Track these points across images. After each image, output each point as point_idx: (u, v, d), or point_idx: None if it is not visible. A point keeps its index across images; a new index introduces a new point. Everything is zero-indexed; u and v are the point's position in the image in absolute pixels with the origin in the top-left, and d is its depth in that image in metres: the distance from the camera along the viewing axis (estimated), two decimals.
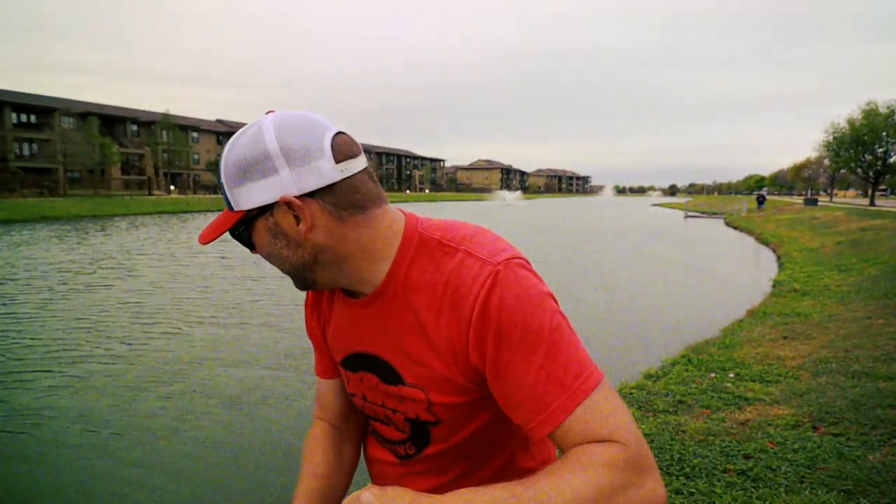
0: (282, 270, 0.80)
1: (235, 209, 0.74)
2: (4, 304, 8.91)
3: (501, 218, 38.83)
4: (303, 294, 0.92)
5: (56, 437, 4.39)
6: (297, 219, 0.72)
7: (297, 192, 0.70)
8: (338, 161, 0.71)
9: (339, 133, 0.73)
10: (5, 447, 4.26)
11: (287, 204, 0.71)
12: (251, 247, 0.79)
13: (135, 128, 57.18)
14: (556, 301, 0.76)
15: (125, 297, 9.51)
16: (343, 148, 0.72)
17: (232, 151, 0.72)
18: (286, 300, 9.00)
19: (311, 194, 0.71)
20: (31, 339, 6.99)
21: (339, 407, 0.97)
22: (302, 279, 0.80)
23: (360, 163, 0.75)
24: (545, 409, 0.68)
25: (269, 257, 0.78)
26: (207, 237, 0.77)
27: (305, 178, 0.70)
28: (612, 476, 0.62)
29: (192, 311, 8.48)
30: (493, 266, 0.71)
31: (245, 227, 0.75)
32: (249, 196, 0.72)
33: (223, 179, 0.74)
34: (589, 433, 0.66)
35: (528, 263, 0.76)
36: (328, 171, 0.71)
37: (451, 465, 0.86)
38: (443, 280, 0.73)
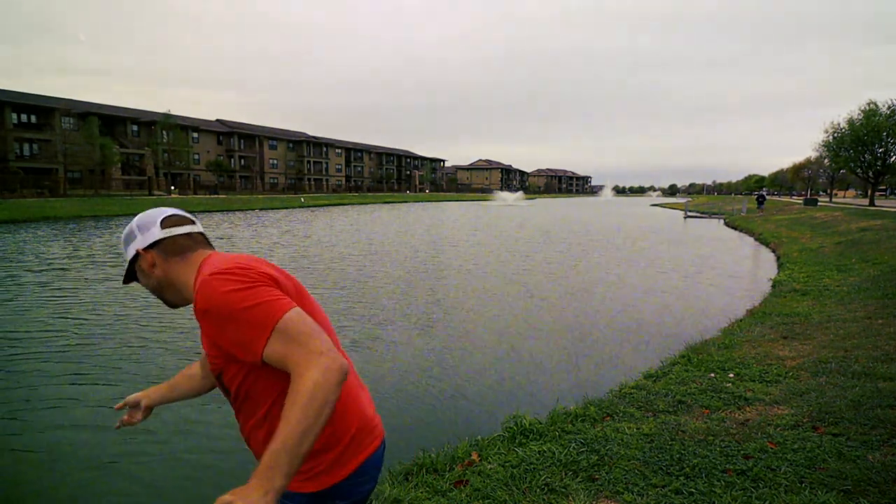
0: (151, 292, 1.38)
1: (126, 260, 1.36)
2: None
3: (504, 217, 38.78)
4: None
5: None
6: (147, 262, 1.32)
7: (143, 246, 1.32)
8: (163, 228, 1.33)
9: (172, 215, 1.36)
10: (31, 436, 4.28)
11: (139, 253, 1.33)
12: (137, 281, 1.39)
13: (135, 128, 57.12)
14: (239, 291, 1.14)
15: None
16: (170, 221, 1.34)
17: (123, 232, 1.37)
18: None
19: (150, 247, 1.32)
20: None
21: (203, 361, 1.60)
22: (161, 298, 1.38)
23: (182, 230, 1.34)
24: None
25: (143, 285, 1.37)
26: (123, 281, 1.42)
27: (146, 239, 1.33)
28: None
29: None
30: (202, 278, 1.20)
31: (131, 268, 1.37)
32: (128, 252, 1.35)
33: (122, 247, 1.37)
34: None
35: (225, 273, 1.17)
36: (156, 234, 1.32)
37: (244, 404, 1.30)
38: (194, 294, 1.22)
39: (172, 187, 56.29)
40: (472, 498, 2.78)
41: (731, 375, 4.60)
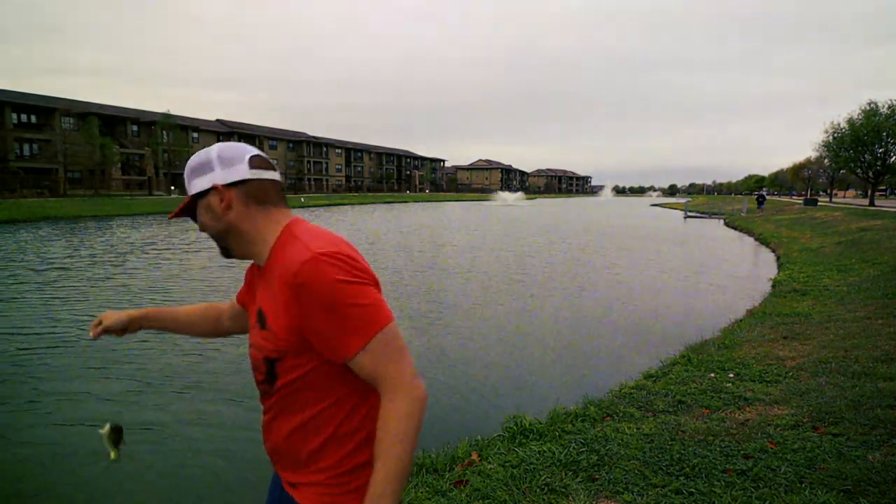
0: (211, 236, 1.19)
1: (189, 194, 1.17)
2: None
3: (505, 217, 38.78)
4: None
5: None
6: (220, 200, 1.14)
7: (224, 182, 1.13)
8: (251, 168, 1.15)
9: (258, 156, 1.17)
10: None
11: (215, 188, 1.14)
12: (195, 220, 1.20)
13: (135, 128, 57.10)
14: (350, 284, 1.03)
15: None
16: (257, 162, 1.16)
17: (191, 160, 1.17)
18: None
19: (231, 185, 1.14)
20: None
21: (232, 312, 1.46)
22: (222, 245, 1.20)
23: (270, 175, 1.18)
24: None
25: (203, 226, 1.18)
26: (172, 215, 1.22)
27: (229, 175, 1.14)
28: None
29: None
30: (310, 254, 1.03)
31: (193, 204, 1.18)
32: (197, 186, 1.16)
33: (186, 176, 1.18)
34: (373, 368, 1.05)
35: (338, 258, 1.04)
36: (244, 172, 1.14)
37: (292, 404, 1.14)
38: (283, 259, 1.08)
39: (172, 187, 56.27)
40: (472, 498, 2.78)
41: (731, 375, 4.60)
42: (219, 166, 1.13)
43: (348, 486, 1.13)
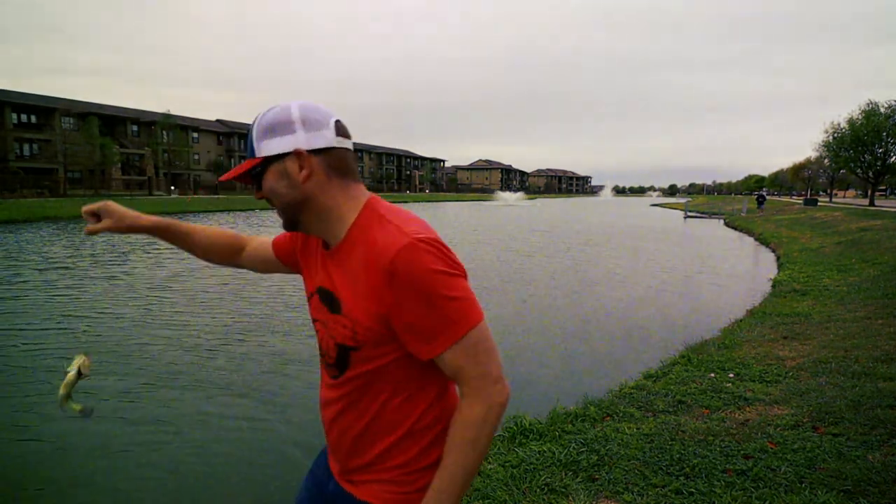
0: (278, 206, 1.04)
1: (258, 155, 1.01)
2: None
3: (506, 217, 38.78)
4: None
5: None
6: (300, 167, 1.00)
7: (306, 147, 0.99)
8: (336, 135, 1.02)
9: (339, 120, 1.04)
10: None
11: (297, 154, 0.99)
12: (258, 186, 1.04)
13: (135, 128, 57.14)
14: (448, 276, 0.95)
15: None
16: (341, 128, 1.03)
17: (265, 116, 1.01)
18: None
19: (315, 152, 1.00)
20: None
21: (258, 251, 1.37)
22: (290, 217, 1.06)
23: (350, 145, 1.05)
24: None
25: (271, 193, 1.03)
26: (228, 176, 1.06)
27: (313, 140, 1.00)
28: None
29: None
30: (407, 239, 0.93)
31: (262, 168, 1.02)
32: (271, 147, 1.00)
33: (253, 134, 1.02)
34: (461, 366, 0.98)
35: (435, 245, 0.96)
36: (330, 139, 1.01)
37: (364, 396, 1.06)
38: (373, 241, 0.97)
39: (172, 187, 56.28)
40: (472, 498, 2.78)
41: (731, 375, 4.60)
42: (301, 129, 0.99)
43: (418, 483, 1.06)
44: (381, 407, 1.06)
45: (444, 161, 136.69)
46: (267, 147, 1.00)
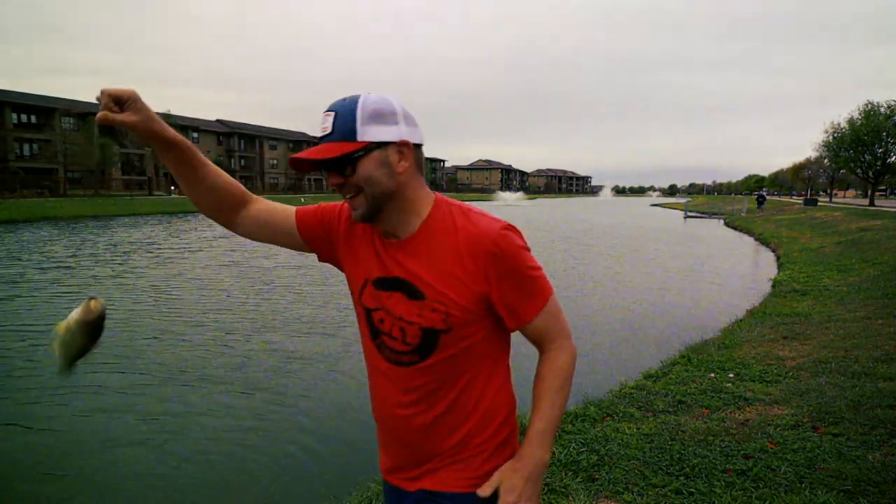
0: (371, 195, 1.03)
1: (360, 140, 1.00)
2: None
3: (506, 217, 38.70)
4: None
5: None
6: (400, 158, 1.03)
7: (414, 140, 1.05)
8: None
9: None
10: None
11: (402, 144, 1.03)
12: (345, 170, 1.02)
13: None
14: (530, 252, 1.11)
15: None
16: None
17: (367, 103, 1.01)
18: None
19: (417, 146, 1.06)
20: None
21: (263, 214, 1.22)
22: (376, 207, 1.05)
23: None
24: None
25: (367, 180, 1.02)
26: (315, 155, 1.02)
27: (412, 135, 1.05)
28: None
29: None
30: (500, 224, 1.07)
31: (363, 153, 1.01)
32: (376, 133, 1.00)
33: (357, 117, 1.00)
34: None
35: (516, 229, 1.10)
36: (419, 137, 1.07)
37: (446, 380, 1.10)
38: (461, 230, 1.06)
39: (173, 188, 56.28)
40: None
41: (731, 375, 4.60)
42: (403, 122, 1.03)
43: (489, 464, 1.13)
44: (461, 390, 1.12)
45: (443, 161, 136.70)
46: (371, 133, 1.00)
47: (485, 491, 1.09)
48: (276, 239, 1.23)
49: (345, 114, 1.01)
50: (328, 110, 1.03)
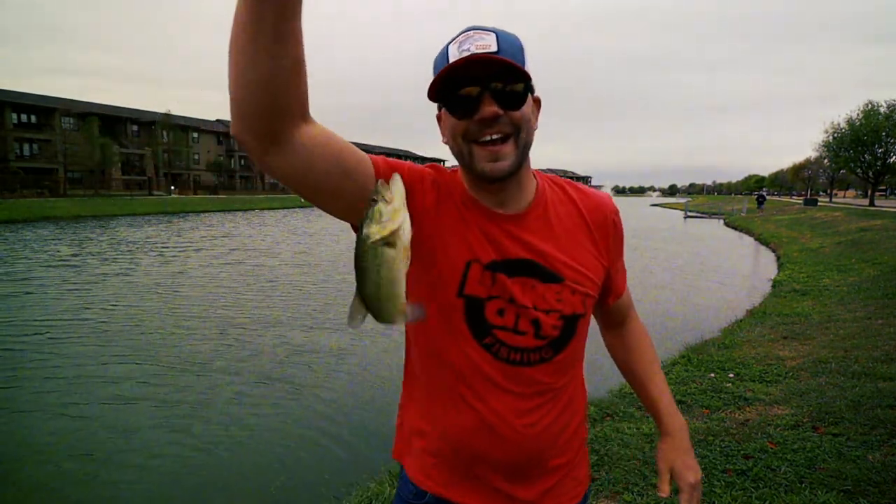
0: (525, 142, 0.87)
1: (528, 70, 0.84)
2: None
3: None
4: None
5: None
6: (537, 114, 0.91)
7: (535, 93, 0.90)
8: None
9: None
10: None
11: (538, 100, 0.92)
12: (513, 104, 0.84)
13: (135, 128, 57.09)
14: None
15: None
16: None
17: (508, 38, 0.84)
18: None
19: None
20: None
21: (323, 135, 0.77)
22: (521, 160, 0.88)
23: None
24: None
25: (527, 122, 0.87)
26: (503, 59, 0.81)
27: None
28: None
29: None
30: (606, 193, 1.06)
31: (531, 87, 0.87)
32: (528, 69, 0.84)
33: (522, 46, 0.85)
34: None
35: None
36: None
37: (564, 376, 0.96)
38: (579, 201, 0.98)
39: (172, 187, 56.29)
40: None
41: (731, 375, 4.60)
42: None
43: (586, 456, 1.07)
44: (575, 387, 1.01)
45: (444, 161, 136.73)
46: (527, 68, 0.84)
47: (665, 490, 1.03)
48: (328, 180, 0.80)
49: (509, 38, 0.83)
50: (483, 29, 0.83)
